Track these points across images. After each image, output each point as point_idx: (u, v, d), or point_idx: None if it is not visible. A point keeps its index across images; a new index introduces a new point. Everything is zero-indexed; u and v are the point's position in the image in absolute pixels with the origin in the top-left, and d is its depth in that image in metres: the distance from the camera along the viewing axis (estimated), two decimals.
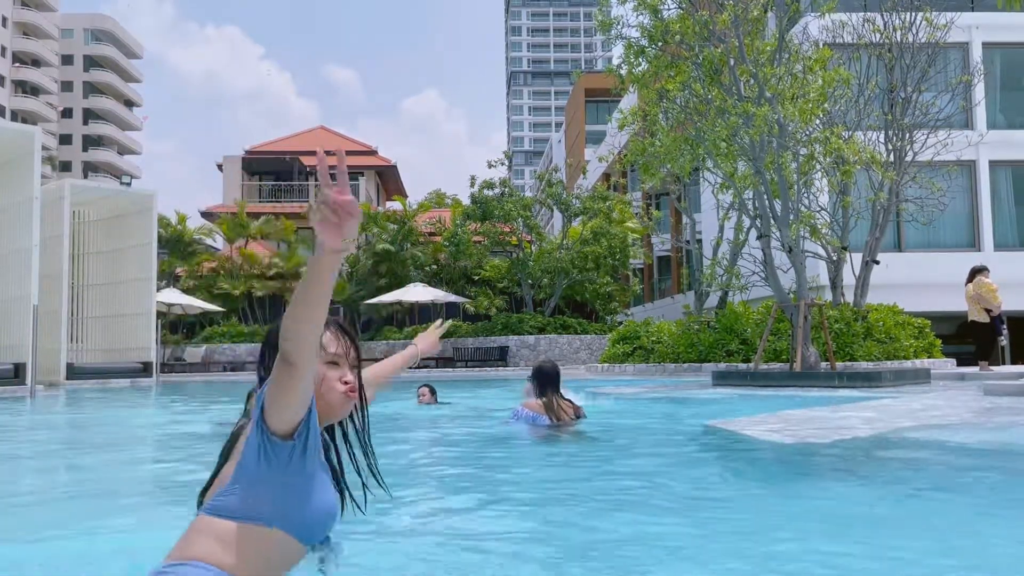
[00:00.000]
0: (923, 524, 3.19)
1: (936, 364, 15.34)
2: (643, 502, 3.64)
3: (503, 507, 3.65)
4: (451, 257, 28.64)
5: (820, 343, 14.46)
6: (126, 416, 10.84)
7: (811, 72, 14.19)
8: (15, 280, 17.21)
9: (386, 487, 2.17)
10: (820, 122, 14.74)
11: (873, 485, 4.14)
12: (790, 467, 4.76)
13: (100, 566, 2.68)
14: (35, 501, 4.31)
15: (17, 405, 12.44)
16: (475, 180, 28.55)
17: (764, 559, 2.64)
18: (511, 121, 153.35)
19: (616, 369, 18.43)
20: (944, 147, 16.60)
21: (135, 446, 7.36)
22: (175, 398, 14.12)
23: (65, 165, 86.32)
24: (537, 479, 4.53)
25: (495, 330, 26.88)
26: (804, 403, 8.89)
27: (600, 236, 27.30)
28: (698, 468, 4.95)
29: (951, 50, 20.80)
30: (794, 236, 13.71)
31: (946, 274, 20.63)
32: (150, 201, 21.69)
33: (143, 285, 21.52)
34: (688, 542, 2.93)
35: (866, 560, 2.61)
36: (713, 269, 17.75)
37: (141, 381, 19.96)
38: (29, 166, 17.16)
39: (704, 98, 14.55)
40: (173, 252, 31.03)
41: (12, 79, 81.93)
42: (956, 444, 5.55)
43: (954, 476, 4.38)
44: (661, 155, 15.33)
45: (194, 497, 2.12)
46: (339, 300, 29.16)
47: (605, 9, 17.92)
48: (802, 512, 3.44)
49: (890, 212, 16.41)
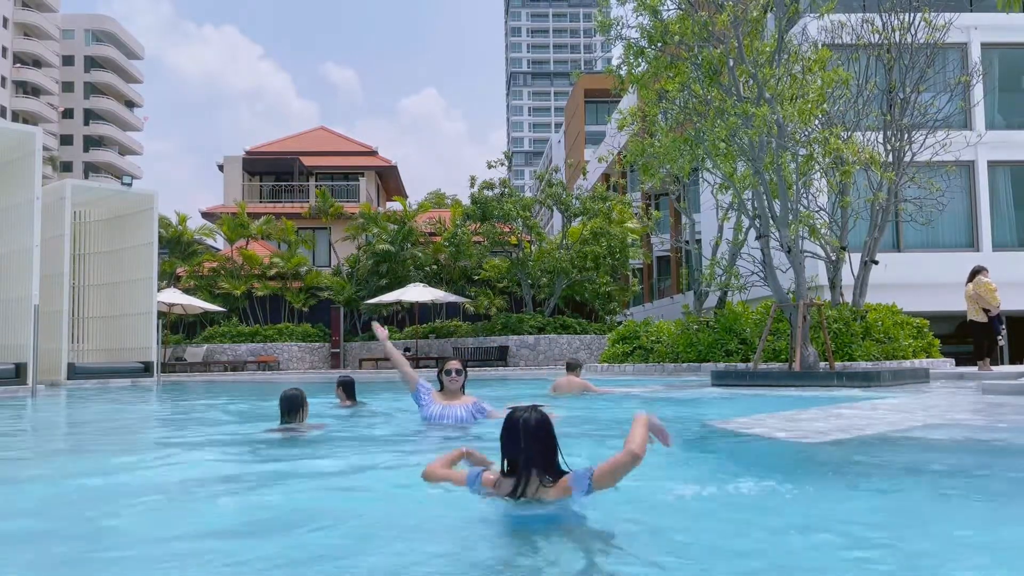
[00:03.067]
0: (924, 523, 3.22)
1: (935, 364, 15.36)
2: (642, 501, 3.68)
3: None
4: (451, 257, 28.67)
5: (819, 343, 14.49)
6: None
7: (810, 73, 14.22)
8: (16, 280, 17.24)
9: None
10: (819, 122, 14.77)
11: (873, 484, 4.17)
12: (789, 467, 4.78)
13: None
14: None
15: (47, 402, 12.48)
16: (475, 180, 28.60)
17: (763, 558, 2.67)
18: (511, 121, 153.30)
19: (615, 369, 18.46)
20: (943, 147, 16.62)
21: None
22: (209, 400, 14.14)
23: (66, 165, 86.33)
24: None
25: (495, 330, 26.91)
26: (803, 403, 8.92)
27: (600, 236, 27.32)
28: (696, 468, 4.98)
29: (950, 51, 20.83)
30: (793, 236, 13.74)
31: (945, 274, 20.66)
32: (151, 201, 21.70)
33: (144, 285, 21.55)
34: (687, 542, 2.96)
35: (866, 559, 2.64)
36: (712, 269, 17.77)
37: (142, 381, 19.98)
38: (30, 167, 17.19)
39: (703, 99, 14.58)
40: (174, 252, 31.07)
41: (13, 80, 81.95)
42: (956, 443, 5.58)
43: (954, 475, 4.41)
44: (660, 155, 15.36)
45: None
46: (339, 300, 29.19)
47: (605, 10, 17.96)
48: (801, 511, 3.47)
49: (889, 212, 16.43)
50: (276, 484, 4.38)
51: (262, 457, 5.59)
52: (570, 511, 3.21)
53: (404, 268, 28.78)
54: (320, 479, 4.49)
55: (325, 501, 3.86)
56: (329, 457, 5.33)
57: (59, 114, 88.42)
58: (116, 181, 30.73)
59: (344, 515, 3.52)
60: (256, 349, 27.77)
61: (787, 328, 15.42)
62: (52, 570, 2.79)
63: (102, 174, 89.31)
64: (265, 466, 5.19)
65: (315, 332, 28.98)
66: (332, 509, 3.66)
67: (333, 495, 4.04)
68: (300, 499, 3.89)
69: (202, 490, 4.29)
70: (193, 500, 4.05)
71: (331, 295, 29.53)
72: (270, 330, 28.51)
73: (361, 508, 3.71)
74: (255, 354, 27.57)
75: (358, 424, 7.67)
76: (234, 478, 4.68)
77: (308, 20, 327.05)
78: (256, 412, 9.53)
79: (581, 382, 10.72)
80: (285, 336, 28.43)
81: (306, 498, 3.91)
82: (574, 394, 10.40)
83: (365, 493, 4.14)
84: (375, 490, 4.21)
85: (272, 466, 5.17)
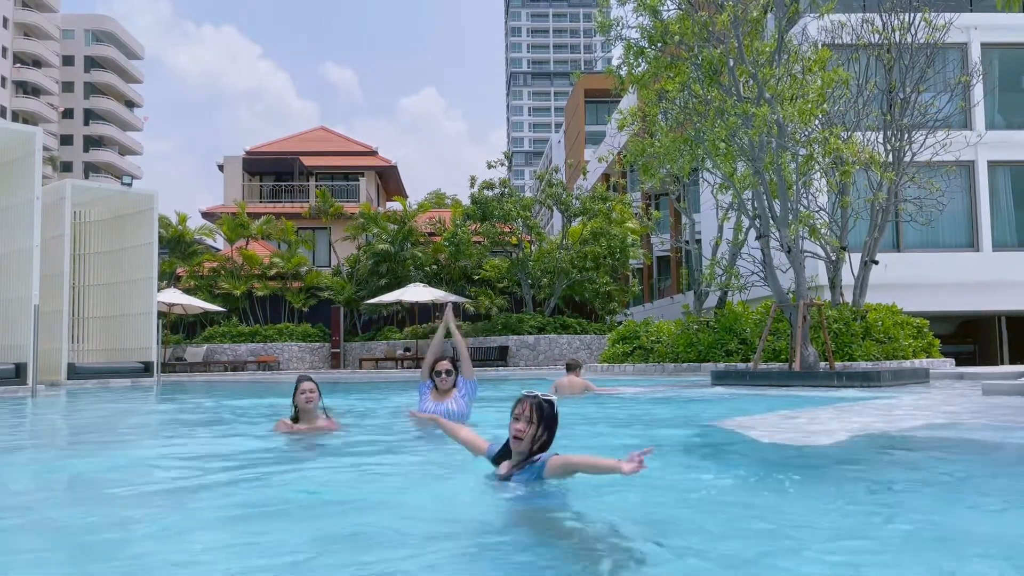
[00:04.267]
0: (924, 521, 3.23)
1: (935, 364, 15.36)
2: (642, 500, 3.68)
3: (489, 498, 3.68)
4: (451, 257, 28.67)
5: (819, 343, 14.50)
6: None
7: (810, 73, 14.22)
8: (16, 280, 17.24)
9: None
10: (819, 122, 14.78)
11: (872, 484, 4.18)
12: (788, 466, 4.79)
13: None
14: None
15: (48, 402, 12.49)
16: (475, 181, 28.60)
17: (762, 558, 2.67)
18: (511, 121, 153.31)
19: (615, 369, 18.46)
20: (943, 147, 16.63)
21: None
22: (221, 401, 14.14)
23: (66, 165, 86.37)
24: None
25: (495, 330, 26.91)
26: (803, 403, 8.93)
27: (600, 236, 27.32)
28: (696, 467, 4.98)
29: (950, 50, 20.83)
30: (793, 236, 13.74)
31: (945, 274, 20.68)
32: (151, 201, 21.70)
33: (144, 285, 21.54)
34: (686, 542, 2.96)
35: (866, 559, 2.64)
36: (712, 269, 17.77)
37: (142, 381, 19.98)
38: (30, 167, 17.19)
39: (703, 99, 14.58)
40: (174, 252, 31.07)
41: (13, 80, 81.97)
42: (956, 442, 5.59)
43: (955, 475, 4.41)
44: (660, 155, 15.37)
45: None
46: (339, 300, 29.20)
47: (605, 10, 17.96)
48: (801, 511, 3.47)
49: (889, 212, 16.44)
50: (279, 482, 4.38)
51: (271, 458, 5.60)
52: (569, 507, 3.21)
53: (404, 268, 28.79)
54: (326, 475, 4.49)
55: (335, 494, 3.86)
56: (335, 455, 5.34)
57: (59, 114, 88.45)
58: (116, 181, 30.76)
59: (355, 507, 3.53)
60: (256, 349, 27.77)
61: (787, 328, 15.43)
62: (54, 567, 2.80)
63: (102, 174, 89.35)
64: (270, 468, 5.20)
65: (315, 332, 28.98)
66: (343, 499, 3.67)
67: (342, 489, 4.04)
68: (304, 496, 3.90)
69: (203, 489, 4.29)
70: (199, 499, 4.05)
71: (331, 295, 29.54)
72: (270, 330, 28.51)
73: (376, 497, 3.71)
74: (255, 354, 27.58)
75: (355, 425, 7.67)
76: (233, 480, 4.68)
77: (307, 20, 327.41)
78: (257, 411, 9.54)
79: (582, 382, 10.93)
80: (285, 336, 28.43)
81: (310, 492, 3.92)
82: (575, 393, 10.56)
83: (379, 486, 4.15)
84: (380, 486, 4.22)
85: (280, 467, 5.17)
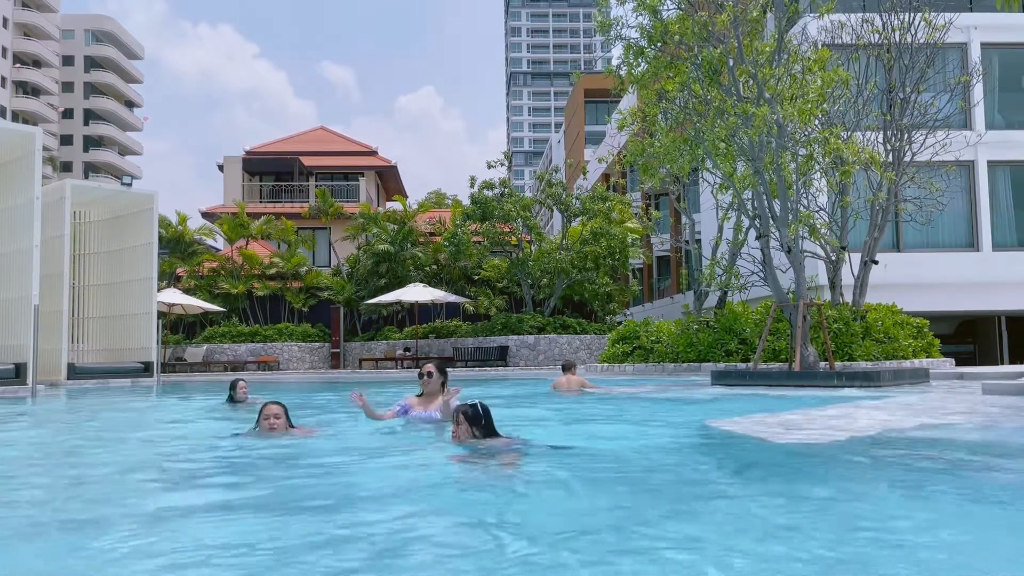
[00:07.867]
0: (924, 521, 3.23)
1: (935, 364, 15.36)
2: (639, 500, 3.68)
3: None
4: (451, 257, 28.66)
5: (819, 343, 14.50)
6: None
7: (810, 73, 14.22)
8: (16, 280, 17.24)
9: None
10: (819, 122, 14.77)
11: (872, 484, 4.18)
12: (788, 466, 4.79)
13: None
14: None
15: (49, 402, 12.49)
16: (475, 181, 28.61)
17: (761, 559, 2.67)
18: (511, 121, 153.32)
19: (615, 369, 18.46)
20: (943, 147, 16.64)
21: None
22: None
23: (66, 166, 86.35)
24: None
25: (495, 330, 26.91)
26: (803, 403, 8.93)
27: (600, 236, 27.32)
28: (696, 467, 4.98)
29: (950, 50, 20.84)
30: (793, 236, 13.74)
31: (945, 274, 20.68)
32: (151, 201, 21.70)
33: (144, 285, 21.55)
34: (685, 541, 2.96)
35: (867, 558, 2.64)
36: (712, 269, 17.77)
37: (142, 381, 19.98)
38: (30, 167, 17.18)
39: (703, 99, 14.58)
40: (174, 252, 31.06)
41: (13, 80, 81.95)
42: (956, 443, 5.59)
43: (955, 475, 4.41)
44: (660, 155, 15.37)
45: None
46: (339, 300, 29.20)
47: (605, 10, 17.96)
48: (801, 511, 3.47)
49: (889, 212, 16.44)
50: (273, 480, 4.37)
51: (255, 458, 5.59)
52: (563, 504, 3.20)
53: (404, 268, 28.79)
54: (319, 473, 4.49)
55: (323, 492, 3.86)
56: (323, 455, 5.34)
57: (59, 114, 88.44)
58: (116, 181, 30.80)
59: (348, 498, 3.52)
60: (256, 349, 27.77)
61: (787, 328, 15.43)
62: (56, 562, 2.80)
63: (102, 174, 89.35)
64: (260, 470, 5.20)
65: (315, 332, 28.99)
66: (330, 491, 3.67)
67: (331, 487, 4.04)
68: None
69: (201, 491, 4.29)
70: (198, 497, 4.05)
71: (331, 295, 29.54)
72: (270, 330, 28.51)
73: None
74: (255, 354, 27.58)
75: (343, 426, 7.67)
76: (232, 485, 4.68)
77: (304, 18, 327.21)
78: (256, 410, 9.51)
79: (579, 379, 11.68)
80: (285, 336, 28.43)
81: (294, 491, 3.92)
82: (574, 391, 11.22)
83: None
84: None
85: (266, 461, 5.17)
